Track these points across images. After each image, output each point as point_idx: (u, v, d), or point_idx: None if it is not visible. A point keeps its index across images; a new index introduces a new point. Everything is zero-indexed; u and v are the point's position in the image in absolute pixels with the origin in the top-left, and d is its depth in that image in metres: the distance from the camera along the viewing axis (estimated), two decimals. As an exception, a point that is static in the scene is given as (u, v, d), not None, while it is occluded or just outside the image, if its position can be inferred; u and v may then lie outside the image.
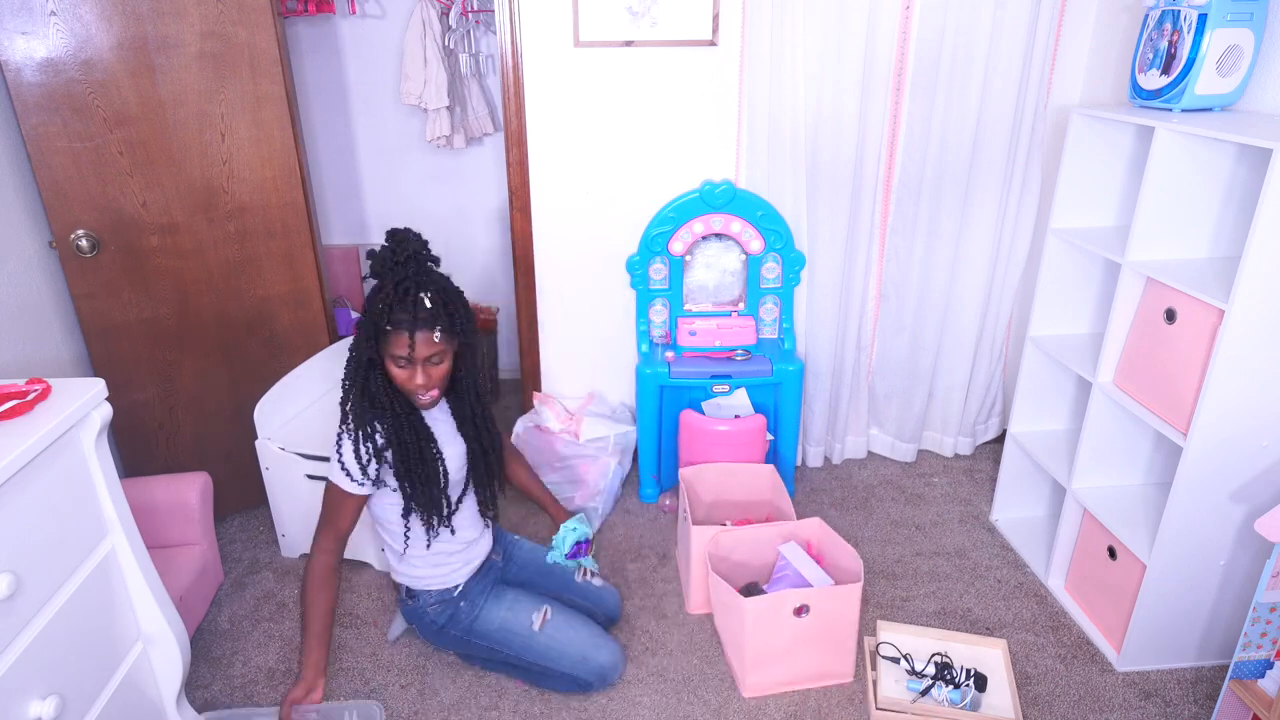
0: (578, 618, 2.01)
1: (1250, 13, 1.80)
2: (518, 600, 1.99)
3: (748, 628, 1.90)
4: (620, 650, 2.01)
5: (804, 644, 1.96)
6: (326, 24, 3.17)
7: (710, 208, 2.58)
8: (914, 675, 1.96)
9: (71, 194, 2.17)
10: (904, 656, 2.00)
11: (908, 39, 2.51)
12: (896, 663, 2.00)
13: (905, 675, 1.97)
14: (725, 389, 2.65)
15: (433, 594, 1.97)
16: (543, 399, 2.86)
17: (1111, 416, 2.09)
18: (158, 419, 2.48)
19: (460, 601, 1.98)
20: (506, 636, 1.95)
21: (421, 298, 1.70)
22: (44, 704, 1.33)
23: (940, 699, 1.91)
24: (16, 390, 1.41)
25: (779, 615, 1.92)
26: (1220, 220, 1.90)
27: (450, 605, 1.98)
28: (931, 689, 1.92)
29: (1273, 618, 1.65)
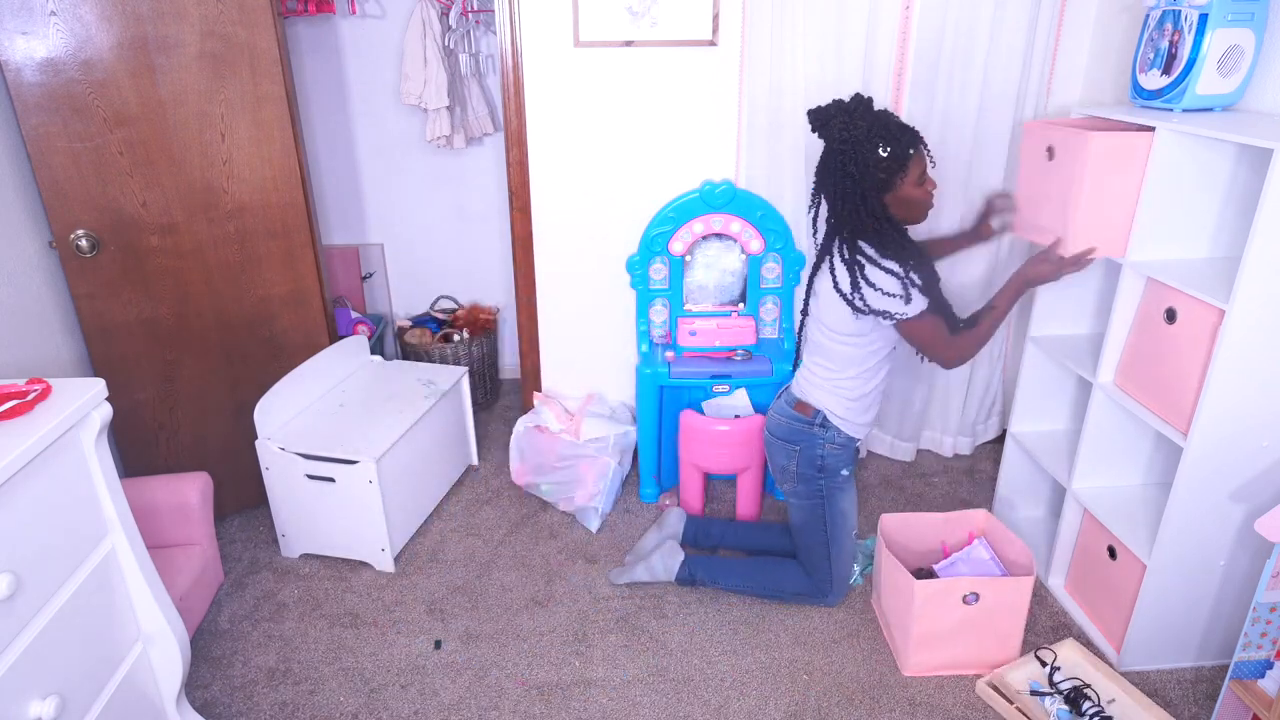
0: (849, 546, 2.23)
1: (1251, 13, 1.80)
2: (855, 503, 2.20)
3: (915, 609, 1.95)
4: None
5: (970, 630, 2.00)
6: (326, 24, 3.17)
7: (710, 208, 2.58)
8: (1049, 683, 1.95)
9: (71, 194, 2.18)
10: (1056, 668, 1.99)
11: (907, 39, 2.51)
12: (1044, 666, 2.01)
13: (1044, 677, 1.97)
14: (725, 389, 2.65)
15: (842, 434, 2.08)
16: (543, 399, 2.86)
17: (1111, 416, 2.09)
18: (158, 419, 2.48)
19: (847, 458, 2.12)
20: (839, 519, 2.15)
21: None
22: (44, 704, 1.33)
23: (1047, 708, 1.89)
24: (16, 390, 1.41)
25: (948, 600, 1.96)
26: (1220, 220, 1.90)
27: (844, 454, 2.11)
28: (1046, 697, 1.91)
29: (1273, 618, 1.65)
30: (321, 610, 2.29)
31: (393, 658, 2.12)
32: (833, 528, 2.16)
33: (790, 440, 2.13)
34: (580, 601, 2.32)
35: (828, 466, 2.11)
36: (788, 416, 2.14)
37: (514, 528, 2.65)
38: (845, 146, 1.88)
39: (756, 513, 2.63)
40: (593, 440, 2.69)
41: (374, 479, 2.30)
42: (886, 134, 1.86)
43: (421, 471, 2.61)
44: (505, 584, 2.39)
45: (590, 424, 2.73)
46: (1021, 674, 2.01)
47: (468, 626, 2.22)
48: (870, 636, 2.17)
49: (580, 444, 2.69)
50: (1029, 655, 2.05)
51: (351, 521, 2.39)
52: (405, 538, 2.54)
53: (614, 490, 2.71)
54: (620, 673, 2.07)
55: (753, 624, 2.22)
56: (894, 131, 1.87)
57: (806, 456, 2.11)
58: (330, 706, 1.97)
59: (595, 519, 2.62)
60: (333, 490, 2.34)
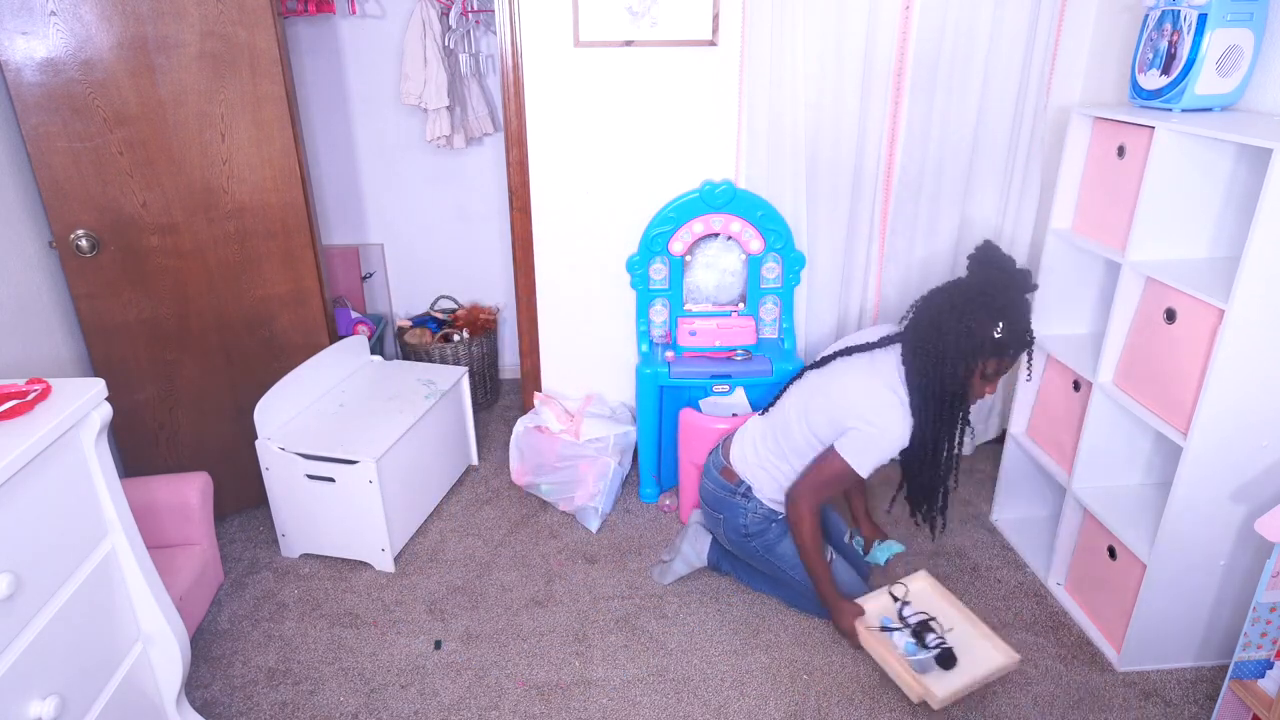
0: (843, 563, 2.24)
1: (1250, 13, 1.80)
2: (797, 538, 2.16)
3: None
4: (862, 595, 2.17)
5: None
6: (326, 24, 3.17)
7: (710, 208, 2.58)
8: (900, 619, 2.04)
9: (71, 194, 2.18)
10: (906, 602, 2.07)
11: (907, 39, 2.51)
12: (896, 602, 2.10)
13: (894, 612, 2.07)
14: (725, 389, 2.65)
15: (764, 505, 2.14)
16: (543, 399, 2.86)
17: (1111, 416, 2.09)
18: (158, 419, 2.48)
19: (772, 523, 2.16)
20: (790, 559, 2.16)
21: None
22: (44, 704, 1.33)
23: (896, 641, 1.98)
24: (16, 390, 1.41)
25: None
26: (1220, 220, 1.90)
27: (767, 522, 2.15)
28: (895, 631, 2.00)
29: (1273, 618, 1.65)
30: (321, 610, 2.29)
31: (393, 658, 2.12)
32: (789, 569, 2.17)
33: (715, 509, 2.21)
34: (580, 601, 2.32)
35: (753, 531, 2.17)
36: (714, 483, 2.21)
37: (514, 528, 2.65)
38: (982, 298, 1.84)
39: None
40: (593, 440, 2.69)
41: (374, 479, 2.30)
42: (1016, 319, 1.85)
43: (421, 471, 2.61)
44: (505, 584, 2.39)
45: (590, 424, 2.73)
46: (874, 607, 2.10)
47: (468, 626, 2.22)
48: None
49: (580, 444, 2.69)
50: (882, 590, 2.14)
51: (351, 521, 2.39)
52: (405, 538, 2.54)
53: (614, 490, 2.71)
54: (620, 673, 2.07)
55: (753, 624, 2.22)
56: (1021, 324, 1.86)
57: (731, 524, 2.18)
58: (330, 706, 1.97)
59: (595, 519, 2.62)
60: (333, 490, 2.34)
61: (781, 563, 2.18)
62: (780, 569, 2.19)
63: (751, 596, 2.32)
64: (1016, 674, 2.05)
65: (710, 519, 2.26)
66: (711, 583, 2.38)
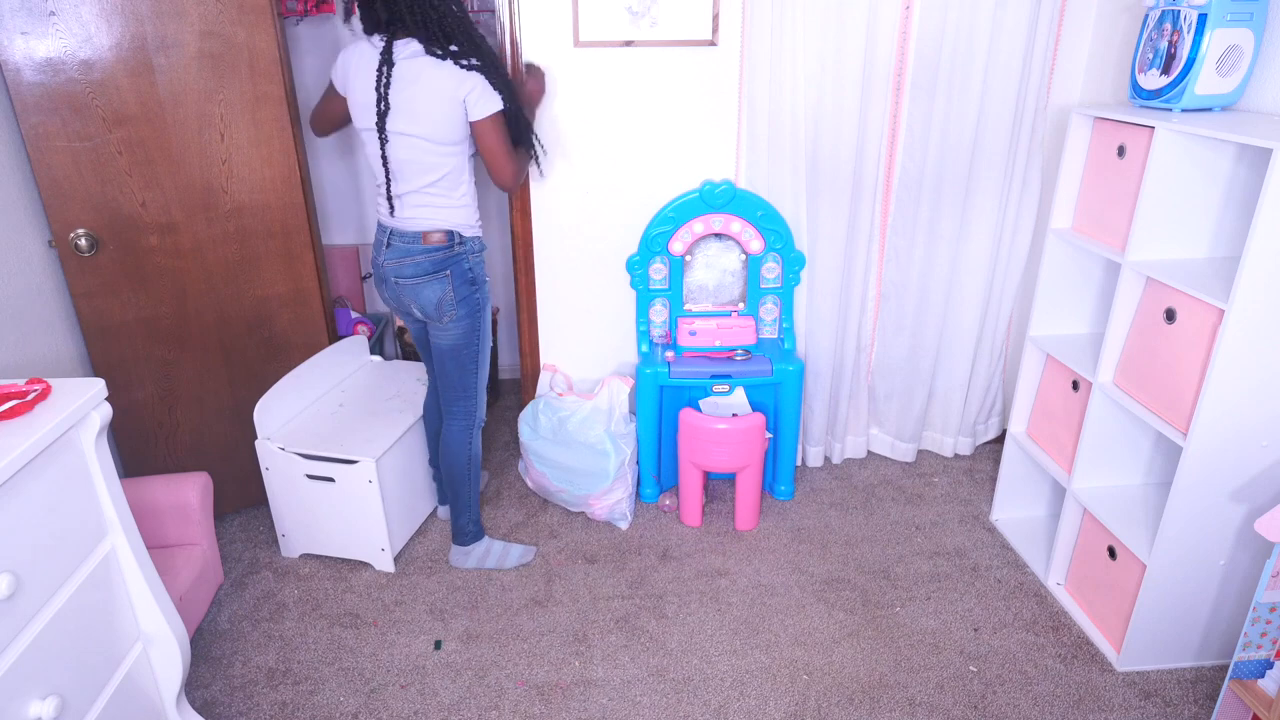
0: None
1: (1250, 13, 1.80)
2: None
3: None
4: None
5: None
6: (326, 24, 3.17)
7: (710, 208, 2.58)
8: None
9: (71, 193, 2.17)
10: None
11: (908, 39, 2.51)
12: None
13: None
14: (725, 389, 2.65)
15: (477, 241, 2.21)
16: (550, 367, 2.87)
17: (1111, 416, 2.09)
18: (157, 418, 2.48)
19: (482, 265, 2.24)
20: (487, 328, 2.28)
21: None
22: (44, 704, 1.33)
23: None
24: (16, 390, 1.41)
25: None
26: (1220, 220, 1.90)
27: (479, 261, 2.23)
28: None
29: (1273, 618, 1.65)
30: (321, 610, 2.29)
31: (393, 658, 2.12)
32: (483, 338, 2.28)
33: (437, 271, 2.16)
34: (580, 601, 2.32)
35: (478, 277, 2.22)
36: (424, 253, 2.15)
37: (514, 528, 2.65)
38: None
39: (756, 513, 2.63)
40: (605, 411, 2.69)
41: (374, 479, 2.30)
42: None
43: (421, 471, 2.61)
44: (505, 584, 2.39)
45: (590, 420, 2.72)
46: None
47: (468, 626, 2.22)
48: (870, 636, 2.18)
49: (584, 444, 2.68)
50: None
51: (351, 521, 2.39)
52: (405, 538, 2.54)
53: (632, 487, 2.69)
54: (620, 673, 2.07)
55: (753, 624, 2.22)
56: None
57: (460, 276, 2.17)
58: (330, 706, 1.97)
59: (625, 519, 2.63)
60: (333, 490, 2.34)
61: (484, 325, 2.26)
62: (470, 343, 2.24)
63: (751, 596, 2.32)
64: (1016, 674, 2.05)
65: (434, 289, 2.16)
66: (711, 583, 2.38)
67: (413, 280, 2.17)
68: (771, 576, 2.41)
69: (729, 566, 2.45)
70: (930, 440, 3.08)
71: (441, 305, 2.18)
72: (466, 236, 2.18)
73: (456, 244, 2.16)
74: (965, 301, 2.82)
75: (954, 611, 2.26)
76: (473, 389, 2.32)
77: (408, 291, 2.19)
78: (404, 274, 2.17)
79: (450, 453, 2.36)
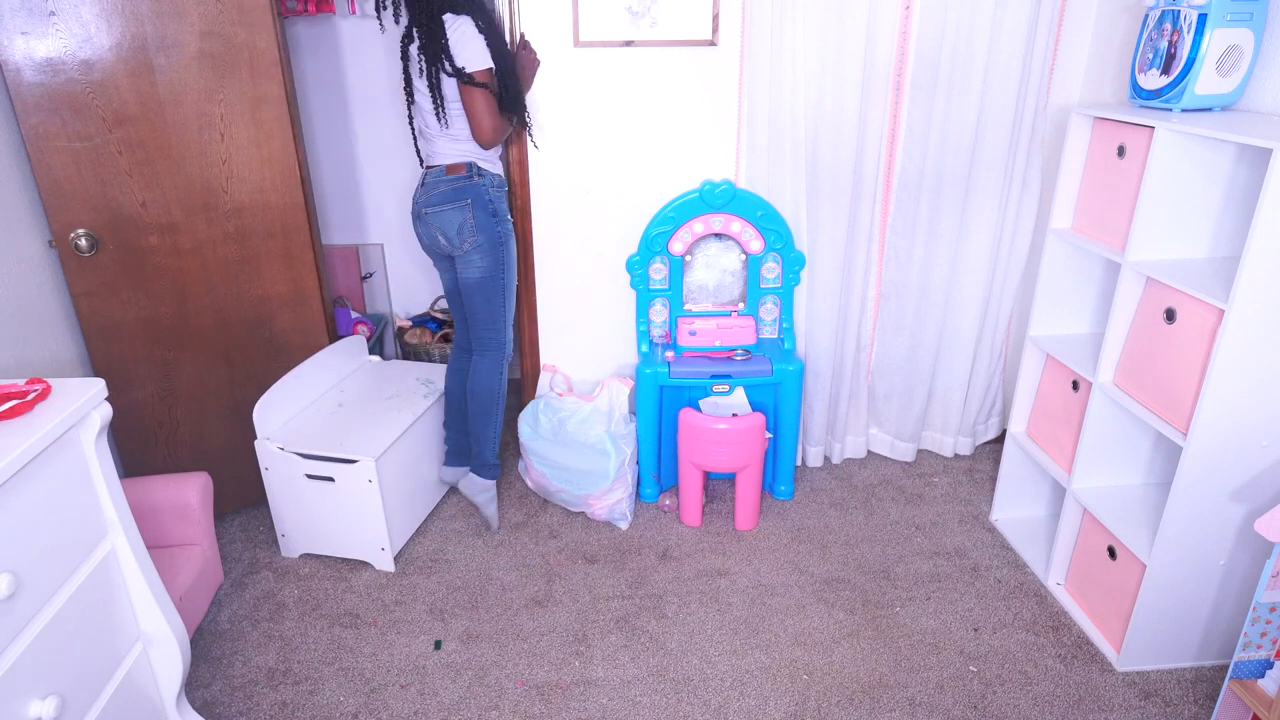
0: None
1: (1250, 13, 1.80)
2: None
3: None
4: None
5: None
6: (326, 24, 3.17)
7: (710, 208, 2.58)
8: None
9: (71, 193, 2.17)
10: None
11: (908, 39, 2.51)
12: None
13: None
14: (725, 389, 2.65)
15: (496, 177, 2.35)
16: (550, 368, 2.87)
17: (1111, 416, 2.09)
18: (157, 418, 2.48)
19: (503, 202, 2.38)
20: (513, 265, 2.43)
21: None
22: (44, 704, 1.33)
23: None
24: (16, 390, 1.41)
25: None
26: (1220, 220, 1.90)
27: (501, 196, 2.37)
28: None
29: (1273, 618, 1.65)
30: (321, 610, 2.29)
31: (393, 658, 2.12)
32: (509, 274, 2.41)
33: (457, 199, 2.30)
34: (580, 601, 2.32)
35: (498, 210, 2.35)
36: (445, 182, 2.31)
37: (514, 528, 2.65)
38: None
39: (756, 513, 2.63)
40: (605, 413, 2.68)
41: (374, 478, 2.30)
42: None
43: (421, 471, 2.61)
44: (505, 584, 2.39)
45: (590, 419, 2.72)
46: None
47: (468, 626, 2.22)
48: (870, 636, 2.18)
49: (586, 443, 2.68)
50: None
51: (351, 521, 2.39)
52: (405, 537, 2.54)
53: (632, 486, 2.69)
54: (620, 673, 2.07)
55: (753, 624, 2.22)
56: None
57: (480, 205, 2.31)
58: (330, 706, 1.97)
59: (625, 519, 2.63)
60: (332, 490, 2.34)
61: (508, 260, 2.39)
62: (496, 277, 2.38)
63: (751, 596, 2.32)
64: (1016, 674, 2.05)
65: (454, 217, 2.32)
66: (711, 583, 2.38)
67: (439, 208, 2.32)
68: (771, 576, 2.41)
69: (729, 566, 2.45)
70: (930, 440, 3.08)
71: (463, 230, 2.31)
72: (485, 169, 2.32)
73: (475, 175, 2.30)
74: (965, 301, 2.82)
75: (954, 611, 2.26)
76: (501, 322, 2.45)
77: (435, 219, 2.34)
78: (431, 203, 2.33)
79: (482, 387, 2.47)
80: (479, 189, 2.31)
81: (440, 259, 2.47)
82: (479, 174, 2.32)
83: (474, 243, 2.33)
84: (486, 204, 2.32)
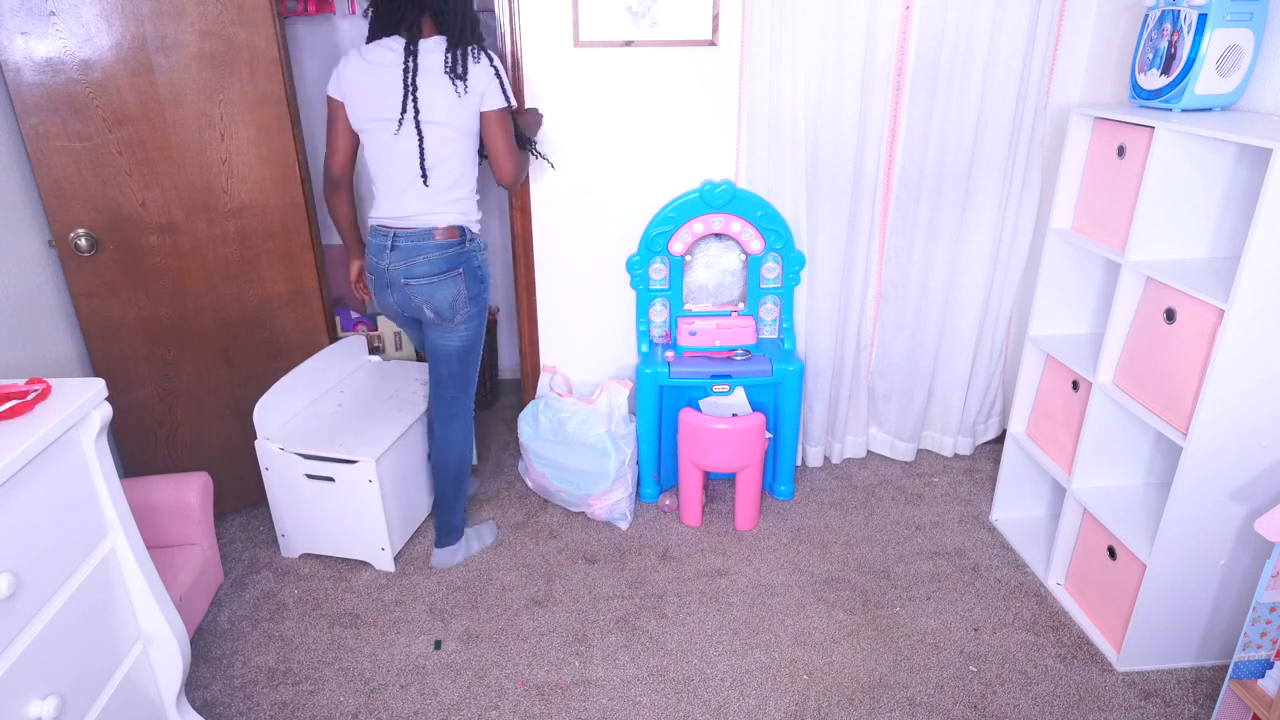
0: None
1: (1250, 13, 1.80)
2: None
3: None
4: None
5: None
6: (326, 24, 3.17)
7: (710, 208, 2.58)
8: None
9: (71, 193, 2.17)
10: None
11: (908, 39, 2.51)
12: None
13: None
14: (725, 389, 2.65)
15: (480, 241, 2.22)
16: (550, 368, 2.87)
17: (1111, 416, 2.09)
18: (157, 418, 2.48)
19: (487, 264, 2.25)
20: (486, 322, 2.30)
21: None
22: (44, 704, 1.33)
23: None
24: (16, 390, 1.41)
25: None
26: (1220, 220, 1.90)
27: (486, 259, 2.24)
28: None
29: (1273, 618, 1.65)
30: (321, 610, 2.29)
31: (393, 658, 2.12)
32: (484, 334, 2.31)
33: (449, 268, 2.13)
34: (580, 601, 2.32)
35: (485, 274, 2.24)
36: (436, 250, 2.12)
37: (514, 528, 2.65)
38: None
39: (756, 513, 2.63)
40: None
41: (374, 478, 2.30)
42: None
43: (421, 471, 2.61)
44: (505, 584, 2.39)
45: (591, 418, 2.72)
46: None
47: (468, 626, 2.22)
48: (870, 636, 2.18)
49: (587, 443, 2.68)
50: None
51: (351, 521, 2.39)
52: (405, 537, 2.54)
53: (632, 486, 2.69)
54: (620, 673, 2.07)
55: (753, 624, 2.22)
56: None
57: (471, 274, 2.18)
58: (330, 706, 1.97)
59: (625, 519, 2.62)
60: (332, 490, 2.34)
61: (485, 322, 2.28)
62: (477, 341, 2.27)
63: (751, 596, 2.32)
64: (1017, 674, 2.05)
65: (449, 287, 2.14)
66: (711, 583, 2.38)
67: (427, 280, 2.11)
68: (771, 576, 2.41)
69: (729, 566, 2.46)
70: (930, 440, 3.08)
71: (456, 304, 2.16)
72: (474, 233, 2.19)
73: (467, 240, 2.16)
74: (965, 301, 2.82)
75: (954, 611, 2.26)
76: (474, 386, 2.37)
77: (420, 292, 2.13)
78: (415, 274, 2.11)
79: (457, 453, 2.38)
80: (470, 256, 2.16)
81: (409, 323, 2.31)
82: (470, 239, 2.16)
83: (466, 314, 2.19)
84: (476, 270, 2.18)
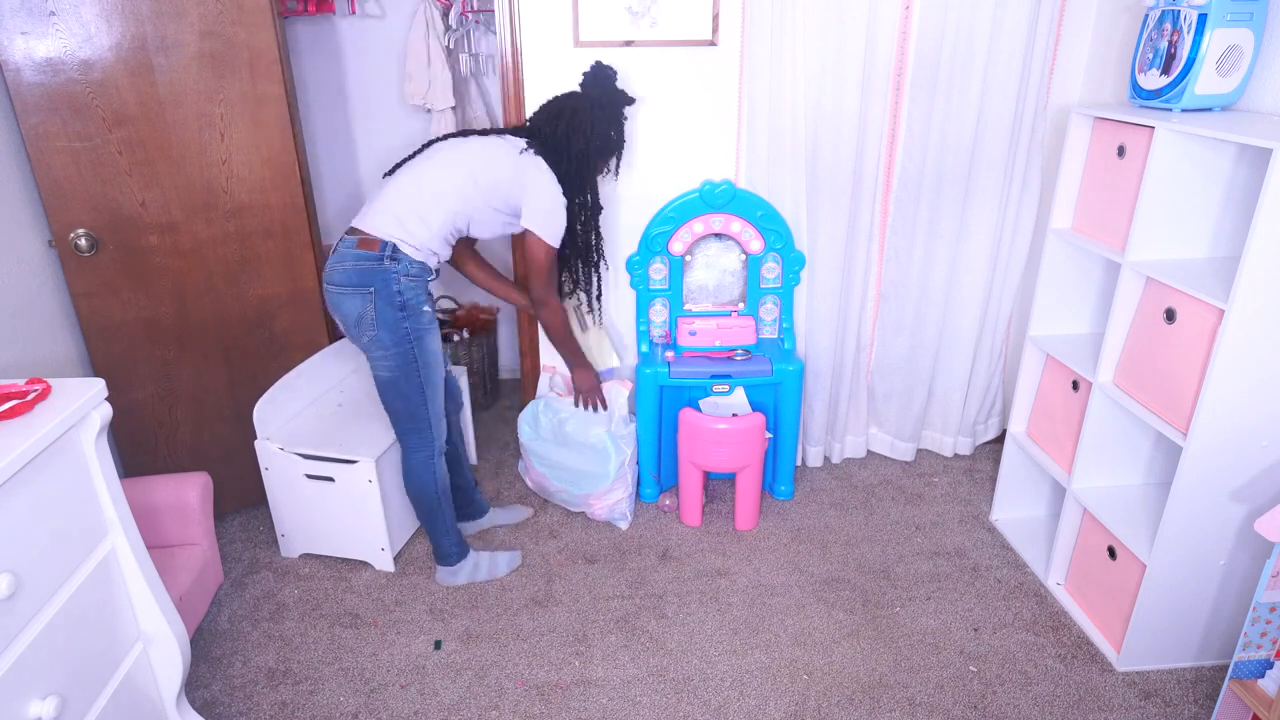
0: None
1: (1250, 13, 1.80)
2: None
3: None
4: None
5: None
6: (326, 24, 3.17)
7: (710, 208, 2.58)
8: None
9: (71, 193, 2.17)
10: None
11: (908, 39, 2.51)
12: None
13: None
14: (725, 389, 2.65)
15: (415, 264, 2.01)
16: (550, 368, 2.87)
17: (1111, 416, 2.09)
18: (157, 418, 2.48)
19: (426, 297, 2.06)
20: (432, 361, 2.10)
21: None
22: (44, 704, 1.33)
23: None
24: (16, 390, 1.41)
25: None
26: (1220, 220, 1.90)
27: (419, 289, 2.04)
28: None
29: (1273, 618, 1.65)
30: (321, 610, 2.29)
31: (393, 658, 2.12)
32: (426, 371, 2.07)
33: (361, 284, 1.97)
34: (580, 601, 2.32)
35: (409, 302, 1.99)
36: (354, 260, 1.97)
37: (514, 528, 2.65)
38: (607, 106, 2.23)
39: (756, 513, 2.63)
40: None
41: (373, 478, 2.30)
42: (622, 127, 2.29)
43: (421, 471, 2.61)
44: (505, 584, 2.39)
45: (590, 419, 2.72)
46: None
47: (468, 626, 2.22)
48: (870, 636, 2.18)
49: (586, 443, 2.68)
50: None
51: (351, 521, 2.38)
52: (405, 537, 2.54)
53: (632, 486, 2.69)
54: (620, 673, 2.07)
55: (753, 624, 2.22)
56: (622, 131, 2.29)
57: (385, 297, 1.97)
58: (330, 706, 1.97)
59: (625, 519, 2.62)
60: (332, 490, 2.34)
61: (421, 358, 2.04)
62: (409, 375, 2.05)
63: (751, 596, 2.32)
64: (1016, 674, 2.05)
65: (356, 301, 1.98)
66: (711, 583, 2.38)
67: (335, 288, 2.00)
68: (771, 576, 2.41)
69: (729, 566, 2.45)
70: (930, 440, 3.08)
71: (362, 324, 2.00)
72: (402, 253, 1.98)
73: (388, 258, 1.96)
74: (965, 301, 2.82)
75: (954, 611, 2.26)
76: (424, 419, 2.15)
77: (329, 298, 2.03)
78: (331, 279, 2.01)
79: (418, 484, 2.24)
80: (388, 277, 1.95)
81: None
82: (392, 257, 1.96)
83: (373, 338, 2.00)
84: (393, 295, 1.96)
